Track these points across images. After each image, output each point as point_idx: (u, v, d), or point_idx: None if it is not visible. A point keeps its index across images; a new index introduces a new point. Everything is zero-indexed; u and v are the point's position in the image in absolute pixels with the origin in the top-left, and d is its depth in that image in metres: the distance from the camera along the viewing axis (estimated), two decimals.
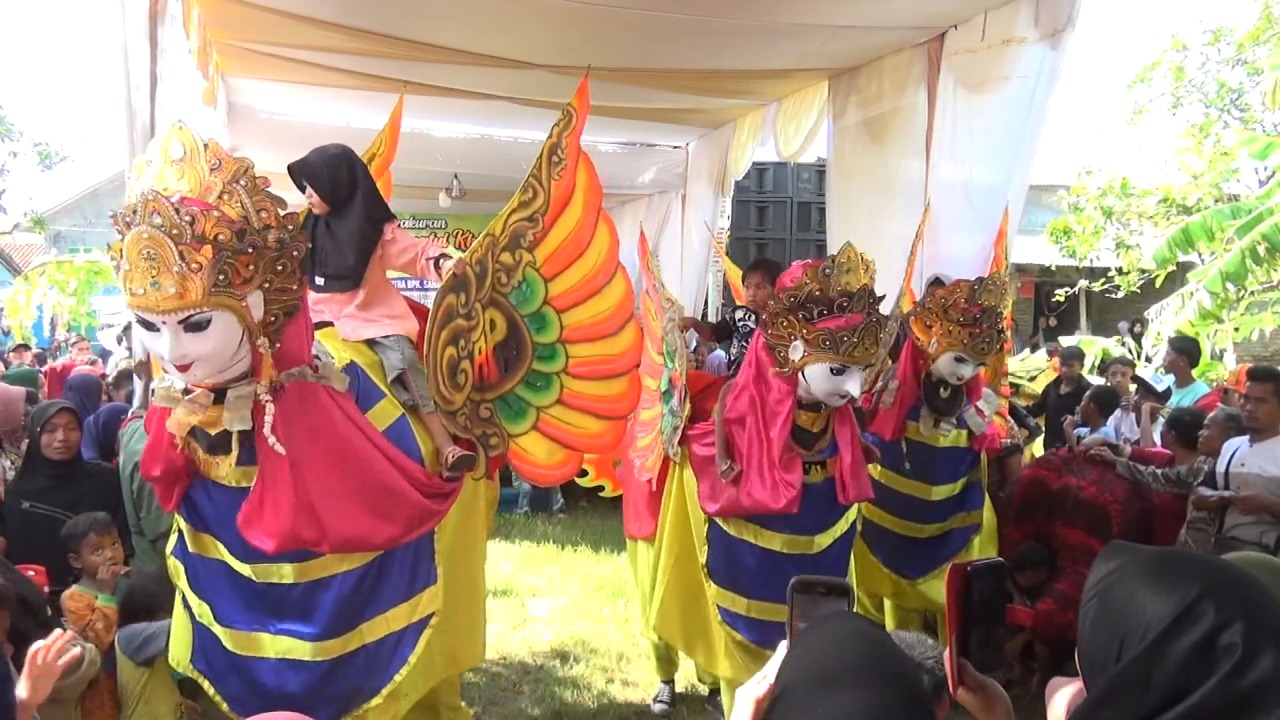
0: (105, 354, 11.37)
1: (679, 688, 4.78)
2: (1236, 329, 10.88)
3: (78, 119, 56.85)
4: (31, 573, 3.21)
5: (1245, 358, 11.58)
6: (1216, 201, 11.91)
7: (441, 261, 3.15)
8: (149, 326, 1.98)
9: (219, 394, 2.12)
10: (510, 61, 6.49)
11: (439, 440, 2.85)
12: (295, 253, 2.13)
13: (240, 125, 8.31)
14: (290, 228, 2.10)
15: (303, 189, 3.07)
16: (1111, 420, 6.43)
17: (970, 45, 5.57)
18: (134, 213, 1.90)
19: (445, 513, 2.75)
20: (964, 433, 4.49)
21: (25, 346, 11.36)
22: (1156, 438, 5.90)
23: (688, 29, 5.88)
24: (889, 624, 4.74)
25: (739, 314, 4.91)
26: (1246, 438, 4.24)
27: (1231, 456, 4.23)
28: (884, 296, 3.60)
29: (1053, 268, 14.75)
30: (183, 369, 2.00)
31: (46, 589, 3.23)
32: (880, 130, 6.55)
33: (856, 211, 6.89)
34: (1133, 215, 13.61)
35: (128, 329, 11.20)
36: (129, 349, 9.24)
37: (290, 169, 3.10)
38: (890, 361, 4.70)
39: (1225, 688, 1.14)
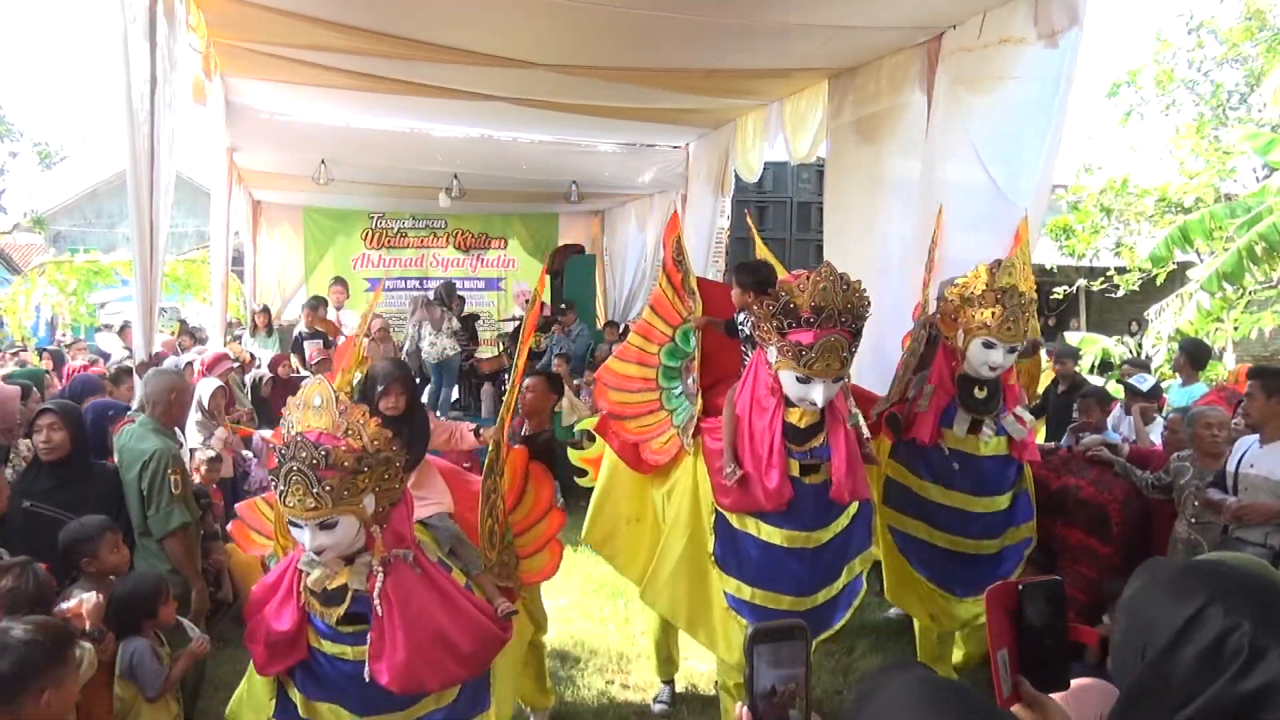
0: (105, 355, 11.36)
1: (679, 688, 4.78)
2: (1236, 328, 10.89)
3: (78, 119, 56.89)
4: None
5: (1245, 357, 11.60)
6: (1215, 201, 11.90)
7: (480, 431, 3.94)
8: (296, 525, 2.71)
9: (347, 559, 2.83)
10: (510, 61, 6.49)
11: (489, 594, 3.42)
12: (398, 464, 2.83)
13: (240, 125, 8.32)
14: (395, 448, 2.81)
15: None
16: (1111, 420, 6.44)
17: (967, 44, 5.56)
18: (287, 447, 2.65)
19: (508, 641, 3.31)
20: (1005, 440, 4.33)
21: (24, 349, 11.35)
22: (1155, 438, 5.92)
23: (688, 29, 5.88)
24: (920, 647, 4.68)
25: (740, 316, 4.92)
26: (1255, 437, 4.22)
27: (1241, 456, 4.21)
28: (865, 312, 3.64)
29: (1052, 267, 14.76)
30: (318, 552, 2.73)
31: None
32: (874, 129, 6.55)
33: (851, 209, 6.89)
34: (1132, 215, 13.61)
35: (125, 328, 11.23)
36: (128, 349, 9.26)
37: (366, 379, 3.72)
38: (918, 370, 4.69)
39: (1232, 689, 1.18)
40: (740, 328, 4.43)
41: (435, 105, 7.94)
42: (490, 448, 3.54)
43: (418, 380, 10.09)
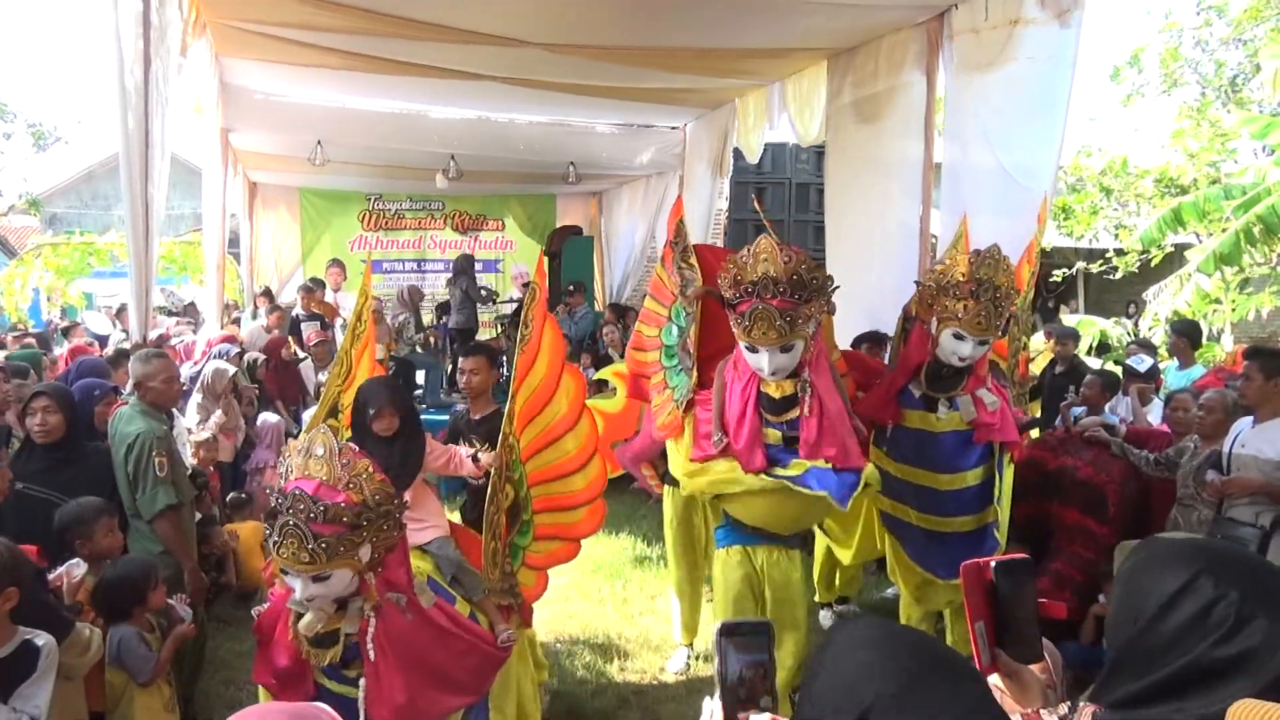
0: (101, 338, 11.33)
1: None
2: (1234, 309, 10.89)
3: (72, 99, 56.55)
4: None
5: (1243, 338, 11.60)
6: (1213, 183, 11.88)
7: (479, 457, 3.73)
8: (289, 574, 2.65)
9: (340, 603, 2.77)
10: (505, 40, 6.45)
11: (493, 618, 3.48)
12: (398, 515, 2.79)
13: (235, 106, 8.27)
14: (396, 501, 2.77)
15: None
16: (1108, 402, 6.44)
17: (974, 25, 5.53)
18: (284, 498, 2.58)
19: (506, 660, 3.39)
20: (959, 416, 4.27)
21: (25, 333, 11.31)
22: (1152, 419, 5.92)
23: (685, 6, 5.84)
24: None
25: None
26: (1251, 419, 4.23)
27: (1235, 438, 4.24)
28: (813, 281, 3.66)
29: (1050, 249, 14.74)
30: (308, 600, 2.67)
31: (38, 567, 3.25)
32: (874, 110, 6.51)
33: (852, 191, 6.86)
34: (1131, 196, 13.58)
35: (122, 310, 11.20)
36: (125, 331, 9.23)
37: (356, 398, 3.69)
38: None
39: (1211, 653, 1.25)
40: None
41: (431, 86, 7.90)
42: (492, 473, 3.53)
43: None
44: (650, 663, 4.90)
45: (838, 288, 3.83)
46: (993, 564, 1.61)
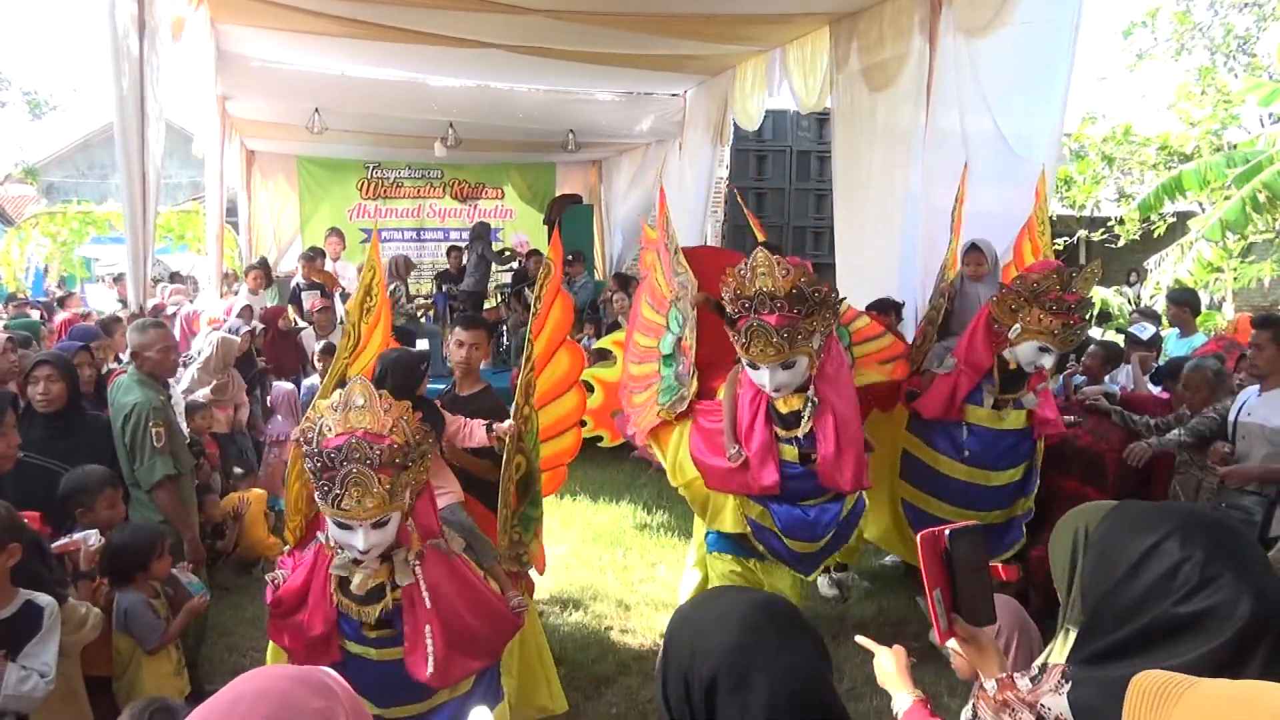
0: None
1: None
2: (1236, 278, 10.85)
3: (67, 67, 56.05)
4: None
5: (1244, 306, 11.58)
6: (1216, 150, 11.79)
7: (493, 426, 3.68)
8: (347, 528, 2.67)
9: (383, 556, 2.81)
10: (505, 6, 6.37)
11: (503, 584, 3.47)
12: (429, 453, 2.83)
13: (231, 73, 8.19)
14: (431, 440, 2.81)
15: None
16: (1109, 372, 6.43)
17: None
18: (339, 451, 2.58)
19: (521, 627, 3.36)
20: (1023, 414, 4.33)
21: (27, 301, 11.28)
22: (1152, 386, 5.92)
23: None
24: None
25: None
26: (1256, 386, 4.21)
27: (1241, 405, 4.22)
28: (813, 294, 3.59)
29: (1052, 217, 14.65)
30: (366, 551, 2.69)
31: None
32: (881, 78, 6.44)
33: (859, 161, 6.80)
34: (1134, 164, 13.48)
35: (121, 278, 11.17)
36: (122, 300, 9.21)
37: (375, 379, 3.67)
38: (940, 338, 4.68)
39: (1173, 611, 1.31)
40: None
41: (431, 53, 7.82)
42: (507, 441, 3.54)
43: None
44: (651, 628, 4.93)
45: (844, 299, 3.81)
46: (948, 532, 1.65)
